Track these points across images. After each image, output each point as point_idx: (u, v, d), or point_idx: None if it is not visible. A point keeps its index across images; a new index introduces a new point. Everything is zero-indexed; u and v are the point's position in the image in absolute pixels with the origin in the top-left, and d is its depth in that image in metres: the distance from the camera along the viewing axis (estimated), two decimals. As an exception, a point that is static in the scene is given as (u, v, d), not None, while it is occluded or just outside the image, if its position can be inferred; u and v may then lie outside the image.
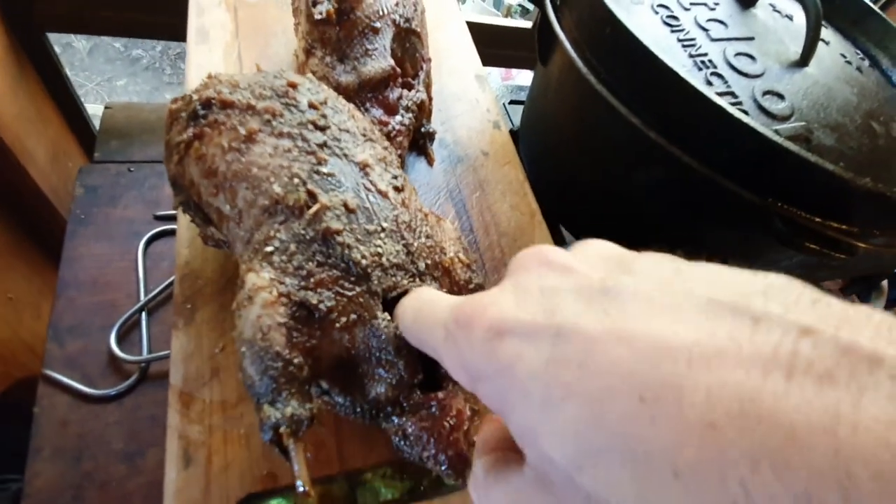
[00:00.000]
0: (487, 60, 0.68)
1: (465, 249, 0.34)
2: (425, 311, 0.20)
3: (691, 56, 0.43)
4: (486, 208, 0.49)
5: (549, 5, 0.46)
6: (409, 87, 0.43)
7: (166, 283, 0.62)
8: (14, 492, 0.78)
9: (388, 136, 0.39)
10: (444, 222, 0.34)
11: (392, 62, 0.39)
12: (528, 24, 0.88)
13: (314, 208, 0.25)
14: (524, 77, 1.39)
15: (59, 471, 0.52)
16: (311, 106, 0.29)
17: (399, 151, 0.39)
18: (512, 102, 0.77)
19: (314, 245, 0.25)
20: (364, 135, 0.31)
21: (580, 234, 0.57)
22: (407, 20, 0.42)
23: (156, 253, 0.66)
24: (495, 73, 1.39)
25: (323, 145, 0.28)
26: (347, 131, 0.29)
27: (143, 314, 0.60)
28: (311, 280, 0.24)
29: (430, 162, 0.49)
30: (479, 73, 0.61)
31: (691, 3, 0.48)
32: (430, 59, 0.48)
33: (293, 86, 0.29)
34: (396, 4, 0.41)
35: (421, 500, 0.33)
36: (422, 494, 0.33)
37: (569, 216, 0.56)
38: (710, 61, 0.43)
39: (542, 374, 0.14)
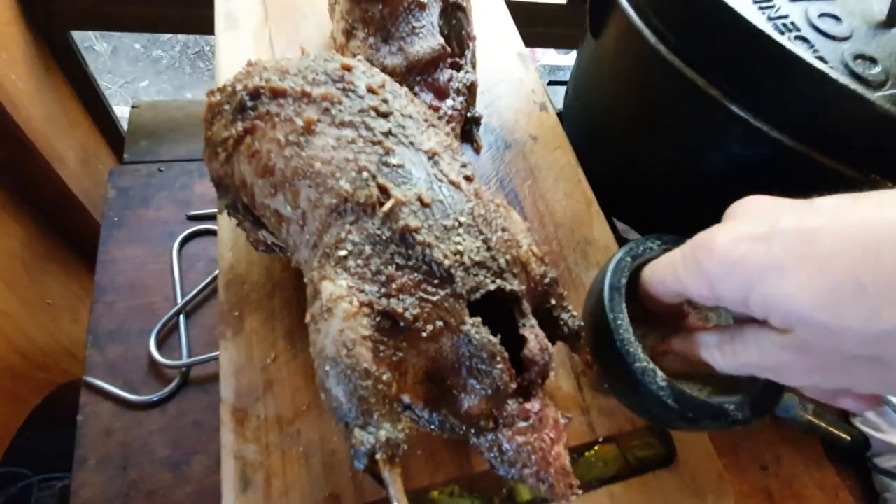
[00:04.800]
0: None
1: (536, 241, 0.31)
2: (660, 262, 0.27)
3: (770, 19, 0.39)
4: (539, 197, 0.45)
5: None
6: (458, 67, 0.40)
7: (202, 284, 0.60)
8: (58, 489, 0.79)
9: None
10: (513, 212, 0.31)
11: (442, 40, 0.36)
12: (562, 0, 0.83)
13: (388, 204, 0.22)
14: (551, 57, 1.34)
15: (106, 480, 0.50)
16: (370, 90, 0.26)
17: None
18: (551, 83, 0.73)
19: (391, 246, 0.22)
20: (426, 120, 0.28)
21: (637, 225, 0.53)
22: (453, -6, 0.39)
23: (190, 254, 0.64)
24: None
25: (388, 133, 0.25)
26: (410, 117, 0.26)
27: (181, 317, 0.58)
28: (393, 286, 0.21)
29: (477, 149, 0.46)
30: (521, 51, 0.58)
31: (764, -38, 0.43)
32: (475, 37, 0.44)
33: (348, 69, 0.26)
34: (443, -23, 0.38)
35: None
36: (496, 511, 0.31)
37: (624, 205, 0.53)
38: (791, 24, 0.39)
39: (781, 253, 0.19)
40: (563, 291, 0.29)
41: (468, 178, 0.27)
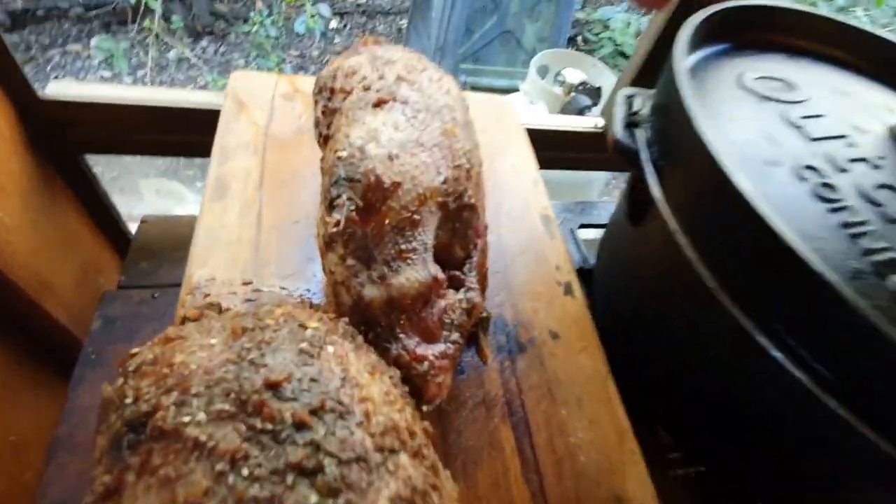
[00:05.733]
0: (545, 163, 0.58)
1: None
2: None
3: (864, 252, 0.30)
4: (556, 430, 0.36)
5: (647, 166, 0.35)
6: (458, 283, 0.32)
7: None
8: None
9: (424, 379, 0.28)
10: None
11: (434, 271, 0.29)
12: (590, 125, 0.77)
13: None
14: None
15: None
16: (298, 425, 0.18)
17: (438, 400, 0.28)
18: (583, 226, 0.65)
19: None
20: (381, 449, 0.20)
21: (681, 441, 0.43)
22: (458, 196, 0.32)
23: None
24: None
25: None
26: (355, 460, 0.18)
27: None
28: None
29: (483, 359, 0.38)
30: (546, 212, 0.51)
31: (850, 160, 0.35)
32: (486, 227, 0.38)
33: (275, 386, 0.19)
34: (444, 181, 0.31)
35: None
36: None
37: (665, 414, 0.43)
38: (891, 260, 0.29)
39: None
40: None
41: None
